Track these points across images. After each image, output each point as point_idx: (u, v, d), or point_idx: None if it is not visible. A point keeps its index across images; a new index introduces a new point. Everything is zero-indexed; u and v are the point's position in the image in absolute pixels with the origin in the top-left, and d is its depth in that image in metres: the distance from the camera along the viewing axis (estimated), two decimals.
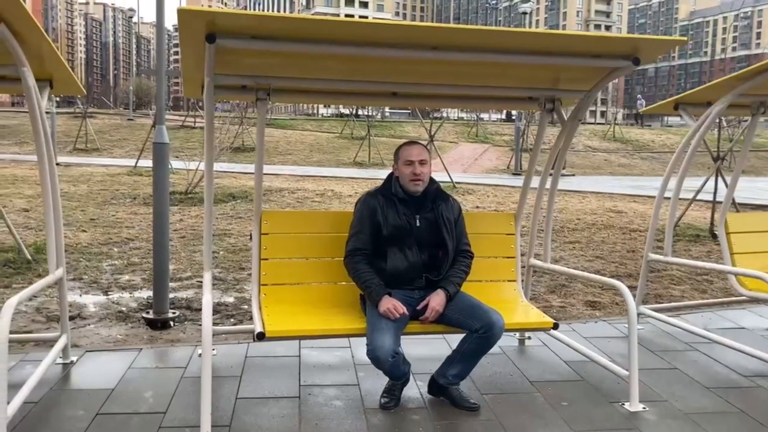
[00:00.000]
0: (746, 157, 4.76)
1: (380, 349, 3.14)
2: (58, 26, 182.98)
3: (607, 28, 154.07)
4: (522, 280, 4.21)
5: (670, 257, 4.69)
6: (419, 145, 3.54)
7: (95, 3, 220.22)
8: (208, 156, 3.63)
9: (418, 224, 3.46)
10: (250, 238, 3.85)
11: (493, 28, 2.99)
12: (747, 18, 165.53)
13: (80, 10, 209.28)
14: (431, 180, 3.54)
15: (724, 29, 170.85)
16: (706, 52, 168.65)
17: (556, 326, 3.59)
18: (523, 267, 4.37)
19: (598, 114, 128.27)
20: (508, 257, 4.11)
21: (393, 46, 3.13)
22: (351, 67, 3.56)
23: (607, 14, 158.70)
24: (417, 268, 3.45)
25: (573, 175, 23.11)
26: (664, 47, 3.35)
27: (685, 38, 3.41)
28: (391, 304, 3.25)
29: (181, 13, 2.75)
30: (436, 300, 3.35)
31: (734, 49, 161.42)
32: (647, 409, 3.48)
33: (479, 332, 3.28)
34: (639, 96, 62.53)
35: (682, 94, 4.50)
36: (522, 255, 4.35)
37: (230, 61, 3.30)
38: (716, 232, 4.78)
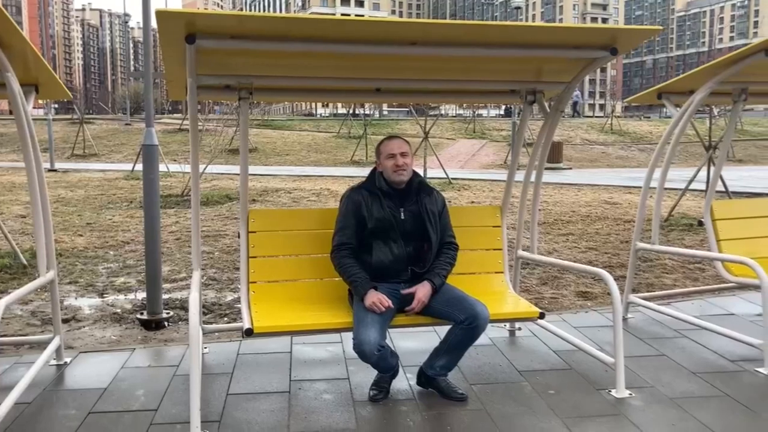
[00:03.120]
0: (729, 145, 4.78)
1: (366, 343, 3.18)
2: (54, 33, 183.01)
3: (604, 20, 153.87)
4: (510, 272, 4.25)
5: (657, 246, 4.72)
6: (399, 138, 3.59)
7: (91, 9, 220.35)
8: (193, 156, 3.68)
9: (402, 217, 3.50)
10: (238, 237, 3.89)
11: (470, 21, 3.03)
12: (743, 7, 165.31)
13: (77, 17, 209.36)
14: (414, 173, 3.58)
15: (721, 19, 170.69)
16: (704, 42, 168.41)
17: (542, 316, 3.63)
18: (512, 259, 4.41)
19: (597, 107, 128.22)
20: (494, 249, 4.15)
21: (372, 43, 3.17)
22: (333, 64, 3.60)
23: (604, 6, 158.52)
24: (402, 261, 3.49)
25: (570, 168, 23.13)
26: (641, 36, 3.38)
27: (661, 27, 3.45)
28: (376, 298, 3.29)
29: (160, 14, 2.79)
30: (422, 291, 3.39)
31: (732, 38, 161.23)
32: (633, 395, 3.52)
33: (464, 323, 3.32)
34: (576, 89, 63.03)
35: (664, 83, 4.53)
36: (512, 248, 4.39)
37: (212, 62, 3.33)
38: (702, 220, 4.80)
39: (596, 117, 49.35)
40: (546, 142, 4.16)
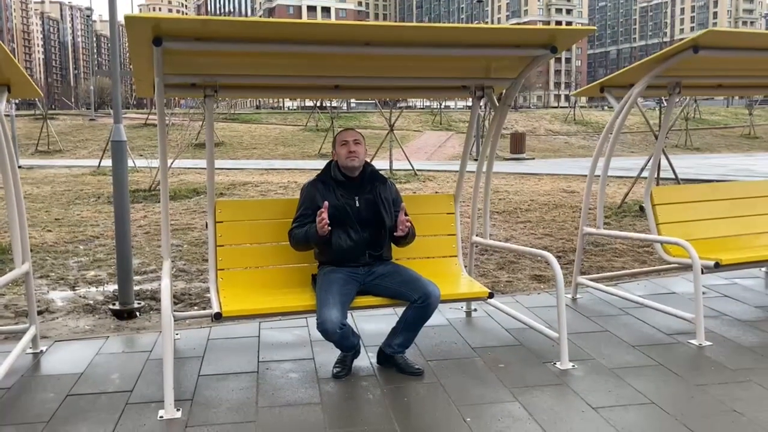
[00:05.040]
0: (666, 133, 5.12)
1: (328, 322, 3.43)
2: (13, 26, 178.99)
3: (569, 11, 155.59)
4: (463, 256, 4.53)
5: (602, 230, 5.05)
6: (353, 130, 3.90)
7: (51, 2, 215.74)
8: (162, 150, 3.88)
9: (357, 205, 3.76)
10: (206, 227, 4.11)
11: (418, 24, 3.28)
12: None
13: (36, 10, 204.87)
14: (367, 163, 3.84)
15: (682, 10, 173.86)
16: (665, 33, 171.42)
17: (491, 296, 3.91)
18: (467, 244, 4.70)
19: (563, 98, 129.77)
20: (449, 235, 4.42)
21: (328, 44, 3.41)
22: (293, 63, 3.83)
23: None
24: (360, 247, 3.74)
25: (533, 158, 23.60)
26: (577, 36, 3.67)
27: (594, 27, 3.74)
28: (319, 218, 3.54)
29: (128, 19, 3.00)
30: (404, 214, 3.71)
31: (692, 29, 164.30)
32: (576, 366, 3.83)
33: (417, 302, 3.59)
34: None
35: (606, 77, 4.84)
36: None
37: (178, 62, 3.54)
38: (643, 206, 5.14)
39: (560, 107, 50.08)
40: (495, 135, 4.44)
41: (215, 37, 3.29)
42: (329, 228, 3.56)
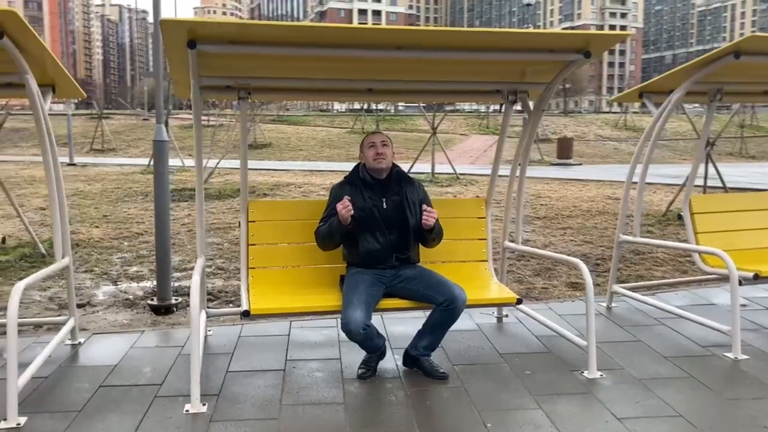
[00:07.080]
0: (706, 140, 5.00)
1: (353, 322, 3.46)
2: (75, 28, 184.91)
3: (623, 15, 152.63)
4: (493, 261, 4.50)
5: (639, 238, 4.95)
6: (380, 133, 3.94)
7: (111, 5, 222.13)
8: (197, 149, 3.98)
9: (385, 206, 3.78)
10: (239, 226, 4.19)
11: (446, 28, 3.29)
12: (766, 1, 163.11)
13: (96, 12, 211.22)
14: (394, 164, 3.87)
15: (743, 14, 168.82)
16: (724, 37, 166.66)
17: (519, 302, 3.89)
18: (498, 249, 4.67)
19: (615, 104, 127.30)
20: (479, 239, 4.41)
21: (361, 47, 3.44)
22: (327, 66, 3.87)
23: (622, 1, 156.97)
24: (387, 249, 3.76)
25: (580, 164, 23.25)
26: (612, 41, 3.63)
27: (630, 32, 3.68)
28: (340, 206, 3.60)
29: (163, 23, 3.09)
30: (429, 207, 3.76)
31: (753, 32, 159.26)
32: (604, 375, 3.77)
33: (443, 305, 3.59)
34: None
35: (644, 83, 4.75)
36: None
37: (213, 64, 3.63)
38: (681, 214, 5.03)
39: (612, 113, 49.13)
40: (529, 139, 4.41)
41: (248, 40, 3.36)
42: (352, 212, 3.59)
